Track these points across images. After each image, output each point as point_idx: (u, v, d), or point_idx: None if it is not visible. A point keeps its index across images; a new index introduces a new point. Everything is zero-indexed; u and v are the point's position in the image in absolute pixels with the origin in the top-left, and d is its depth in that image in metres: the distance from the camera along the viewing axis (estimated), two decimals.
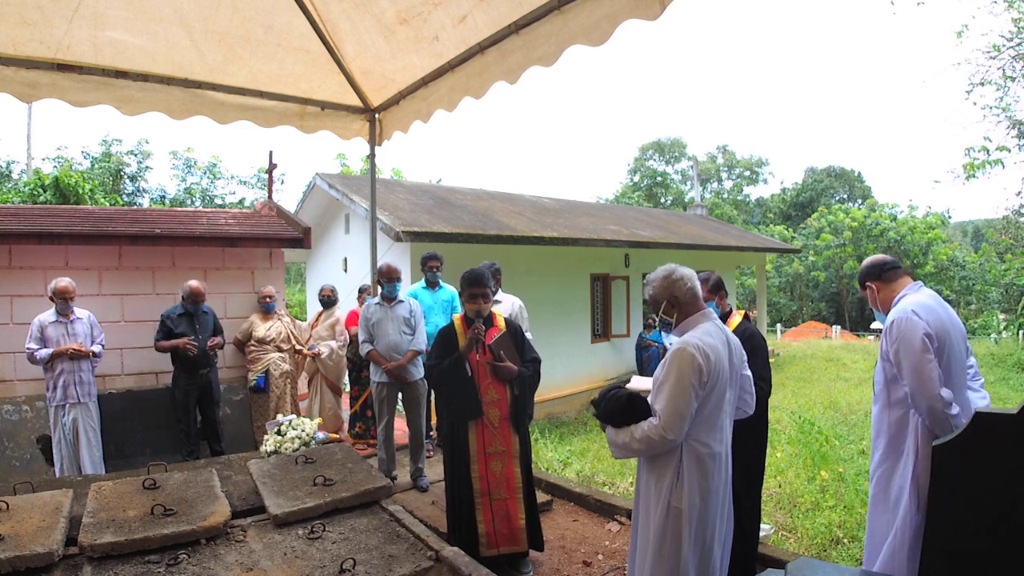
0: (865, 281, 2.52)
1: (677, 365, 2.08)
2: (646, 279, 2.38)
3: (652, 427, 2.07)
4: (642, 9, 2.32)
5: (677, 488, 2.14)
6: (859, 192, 40.05)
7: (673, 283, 2.26)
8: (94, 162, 19.65)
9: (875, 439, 2.43)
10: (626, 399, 2.14)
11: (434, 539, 2.08)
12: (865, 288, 2.53)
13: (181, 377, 4.86)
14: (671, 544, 2.14)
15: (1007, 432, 1.22)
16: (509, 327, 3.35)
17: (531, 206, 12.27)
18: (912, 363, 2.17)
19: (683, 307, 2.26)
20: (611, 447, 2.23)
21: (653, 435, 2.06)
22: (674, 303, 2.26)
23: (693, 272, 2.32)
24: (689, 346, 2.09)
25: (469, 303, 3.26)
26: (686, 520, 2.12)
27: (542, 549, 3.35)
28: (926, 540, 1.35)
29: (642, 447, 2.11)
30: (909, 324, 2.22)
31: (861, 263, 2.66)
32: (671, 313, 2.27)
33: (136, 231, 5.15)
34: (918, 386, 2.16)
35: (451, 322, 3.39)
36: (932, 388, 2.13)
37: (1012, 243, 19.38)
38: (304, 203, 11.00)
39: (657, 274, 2.32)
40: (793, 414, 7.21)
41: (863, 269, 2.56)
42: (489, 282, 3.31)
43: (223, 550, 2.02)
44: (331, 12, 3.54)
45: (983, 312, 24.01)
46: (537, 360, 3.35)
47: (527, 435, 3.35)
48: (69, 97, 3.52)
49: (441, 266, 5.09)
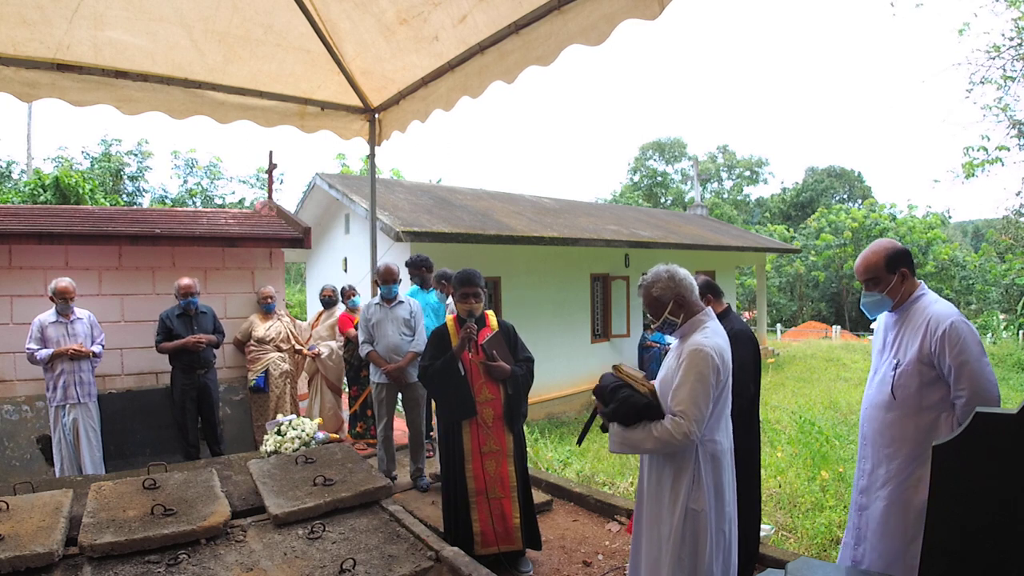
0: (900, 266, 2.31)
1: (697, 366, 2.06)
2: (641, 282, 2.31)
3: (676, 425, 2.02)
4: (641, 9, 2.32)
5: (695, 489, 2.11)
6: (859, 192, 40.04)
7: (679, 283, 2.22)
8: (94, 162, 19.64)
9: (887, 446, 2.30)
10: (644, 406, 2.09)
11: (434, 539, 2.09)
12: (895, 273, 2.31)
13: (178, 378, 4.86)
14: (690, 547, 2.11)
15: (1007, 432, 1.22)
16: (502, 327, 3.36)
17: (531, 206, 12.27)
18: (979, 366, 2.11)
19: (689, 308, 2.24)
20: (616, 442, 2.17)
21: (676, 433, 2.01)
22: (681, 303, 2.22)
23: (688, 271, 2.31)
24: (706, 347, 2.09)
25: (461, 303, 3.28)
26: (704, 522, 2.10)
27: (539, 548, 3.36)
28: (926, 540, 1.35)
29: (657, 446, 2.07)
30: (970, 328, 2.17)
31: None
32: (677, 314, 2.23)
33: (136, 231, 5.15)
34: (987, 386, 2.10)
35: (444, 322, 3.41)
36: (996, 390, 2.12)
37: (1012, 243, 19.38)
38: (304, 203, 11.00)
39: (658, 276, 2.25)
40: (793, 414, 7.21)
41: (898, 252, 2.32)
42: (481, 282, 3.32)
43: (223, 550, 2.02)
44: (331, 12, 3.54)
45: (983, 312, 23.99)
46: (530, 359, 3.37)
47: (521, 434, 3.36)
48: (69, 97, 3.52)
49: (431, 271, 5.14)
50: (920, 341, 2.20)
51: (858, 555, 2.43)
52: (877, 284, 2.34)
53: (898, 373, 2.26)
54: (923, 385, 2.19)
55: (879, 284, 2.33)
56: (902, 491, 2.23)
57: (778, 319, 28.55)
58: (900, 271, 2.31)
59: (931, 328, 2.18)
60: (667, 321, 2.24)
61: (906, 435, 2.23)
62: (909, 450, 2.22)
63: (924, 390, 2.20)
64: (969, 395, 2.09)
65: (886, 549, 2.31)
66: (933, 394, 2.19)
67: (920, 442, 2.19)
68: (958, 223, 43.69)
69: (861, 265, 2.38)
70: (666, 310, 2.22)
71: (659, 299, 2.24)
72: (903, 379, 2.24)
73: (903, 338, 2.30)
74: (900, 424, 2.25)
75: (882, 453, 2.31)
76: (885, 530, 2.31)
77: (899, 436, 2.25)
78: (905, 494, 2.22)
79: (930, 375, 2.18)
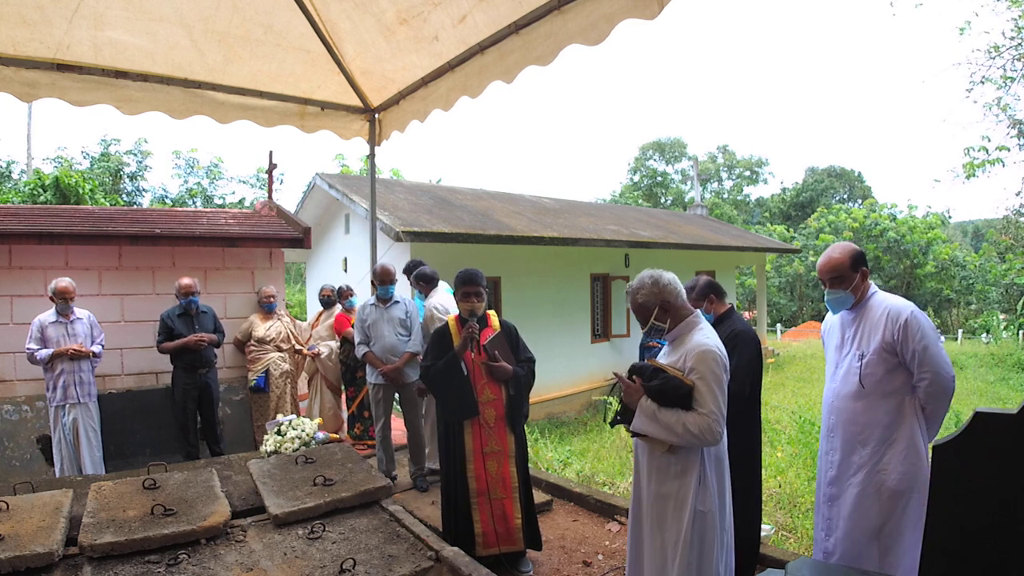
0: (861, 266, 2.52)
1: (711, 367, 2.10)
2: (627, 289, 2.35)
3: (703, 421, 2.04)
4: (640, 9, 2.32)
5: (702, 491, 2.13)
6: (859, 192, 40.03)
7: (663, 289, 2.25)
8: (94, 162, 19.63)
9: (859, 433, 2.44)
10: (685, 393, 2.11)
11: (434, 539, 2.08)
12: (857, 272, 2.50)
13: (180, 377, 4.86)
14: (698, 549, 2.12)
15: (1007, 432, 1.22)
16: (504, 327, 3.35)
17: (531, 206, 12.27)
18: (936, 350, 2.33)
19: (676, 311, 2.26)
20: (645, 419, 2.14)
21: (703, 427, 2.03)
22: (667, 308, 2.25)
23: (674, 275, 2.34)
24: (712, 347, 2.14)
25: (463, 302, 3.28)
26: (712, 523, 2.12)
27: (540, 548, 3.35)
28: (926, 540, 1.35)
29: (683, 435, 2.06)
30: (925, 318, 2.39)
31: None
32: (664, 319, 2.26)
33: (136, 231, 5.15)
34: (945, 368, 2.31)
35: (446, 322, 3.40)
36: (952, 371, 2.35)
37: (1012, 243, 19.37)
38: (304, 203, 11.00)
39: (642, 282, 2.28)
40: (793, 414, 7.21)
41: (859, 253, 2.53)
42: (483, 281, 3.32)
43: (223, 550, 2.02)
44: (331, 12, 3.54)
45: (983, 312, 23.99)
46: (532, 360, 3.37)
47: (523, 435, 3.36)
48: (69, 97, 3.52)
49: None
50: (882, 332, 2.40)
51: (829, 546, 2.54)
52: (842, 282, 2.52)
53: (864, 363, 2.44)
54: (887, 372, 2.39)
55: (843, 282, 2.51)
56: (874, 475, 2.40)
57: (778, 319, 28.54)
58: (861, 270, 2.52)
59: (891, 319, 2.39)
60: (654, 327, 2.27)
61: (876, 419, 2.41)
62: (879, 434, 2.41)
63: (888, 376, 2.39)
64: (931, 377, 2.31)
65: (859, 535, 2.43)
66: (896, 380, 2.39)
67: (887, 426, 2.39)
68: (958, 223, 43.70)
69: (827, 265, 2.55)
70: (652, 315, 2.26)
71: (644, 305, 2.27)
72: (869, 368, 2.43)
73: (863, 332, 2.48)
74: (870, 410, 2.44)
75: (854, 440, 2.47)
76: (858, 515, 2.45)
77: (871, 421, 2.43)
78: (877, 477, 2.40)
79: (893, 362, 2.38)
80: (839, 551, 2.49)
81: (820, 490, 2.64)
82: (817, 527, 2.65)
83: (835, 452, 2.54)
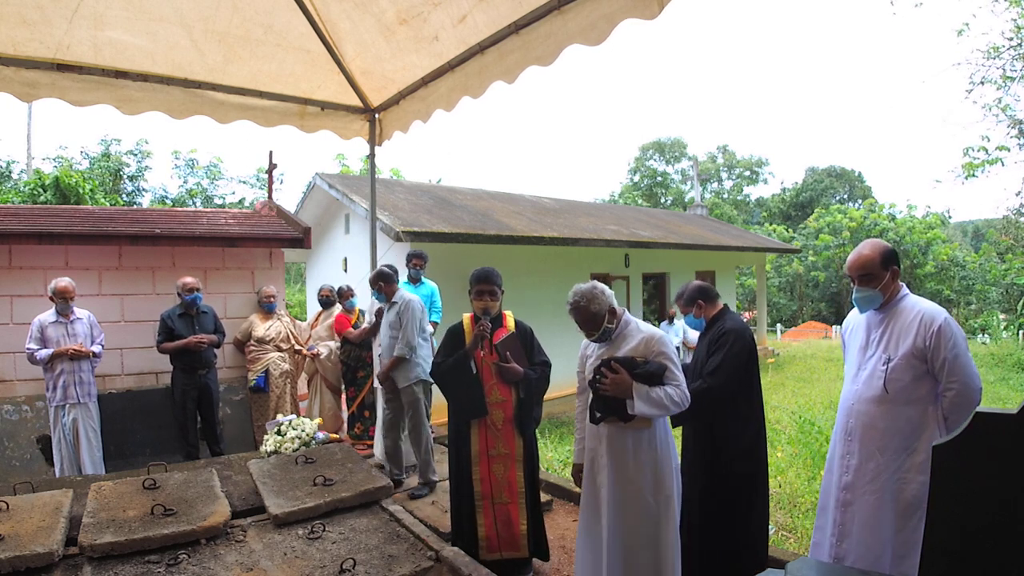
0: (892, 264, 2.39)
1: (669, 347, 2.51)
2: (572, 303, 2.59)
3: (679, 390, 2.42)
4: (640, 8, 2.32)
5: (668, 475, 2.48)
6: (859, 192, 40.02)
7: (608, 295, 2.58)
8: (94, 162, 19.62)
9: (879, 439, 2.35)
10: (662, 372, 2.46)
11: (434, 539, 2.08)
12: (887, 270, 2.38)
13: (179, 378, 4.86)
14: (665, 531, 2.41)
15: (1007, 432, 1.22)
16: (519, 328, 3.30)
17: (531, 206, 12.26)
18: (967, 360, 2.25)
19: (615, 312, 2.60)
20: (643, 401, 2.39)
21: (681, 395, 2.42)
22: (612, 311, 2.57)
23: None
24: (659, 331, 2.58)
25: (476, 300, 3.24)
26: (675, 504, 2.46)
27: (547, 558, 3.28)
28: (926, 540, 1.35)
29: (674, 405, 2.41)
30: (958, 326, 2.29)
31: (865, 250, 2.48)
32: (612, 321, 2.59)
33: (136, 231, 5.15)
34: (974, 379, 2.24)
35: (460, 321, 3.35)
36: (980, 382, 2.28)
37: (1012, 243, 19.38)
38: (304, 203, 10.99)
39: (592, 294, 2.55)
40: (793, 414, 7.21)
41: (891, 251, 2.41)
42: (499, 281, 3.29)
43: (223, 550, 2.02)
44: (331, 12, 3.54)
45: (983, 312, 23.98)
46: (547, 363, 3.30)
47: (533, 439, 3.27)
48: (69, 97, 3.52)
49: (424, 264, 5.39)
50: (913, 337, 2.29)
51: (841, 552, 2.47)
52: (871, 280, 2.40)
53: (890, 367, 2.34)
54: (914, 379, 2.29)
55: (872, 280, 2.40)
56: (893, 483, 2.31)
57: (778, 319, 28.54)
58: (892, 269, 2.41)
59: (925, 324, 2.28)
60: (606, 330, 2.57)
61: (897, 427, 2.32)
62: (899, 442, 2.32)
63: (914, 383, 2.30)
64: (959, 387, 2.22)
65: (873, 542, 2.36)
66: (922, 387, 2.29)
67: (908, 435, 2.30)
68: (958, 223, 43.68)
69: (857, 261, 2.44)
70: (604, 320, 2.56)
71: (599, 313, 2.55)
72: (896, 373, 2.32)
73: (892, 334, 2.37)
74: (891, 416, 2.34)
75: (873, 446, 2.38)
76: (874, 523, 2.37)
77: (891, 428, 2.33)
78: (895, 486, 2.31)
79: (921, 369, 2.28)
80: (852, 556, 2.41)
81: (831, 493, 2.54)
82: (824, 530, 2.56)
83: (852, 456, 2.44)
